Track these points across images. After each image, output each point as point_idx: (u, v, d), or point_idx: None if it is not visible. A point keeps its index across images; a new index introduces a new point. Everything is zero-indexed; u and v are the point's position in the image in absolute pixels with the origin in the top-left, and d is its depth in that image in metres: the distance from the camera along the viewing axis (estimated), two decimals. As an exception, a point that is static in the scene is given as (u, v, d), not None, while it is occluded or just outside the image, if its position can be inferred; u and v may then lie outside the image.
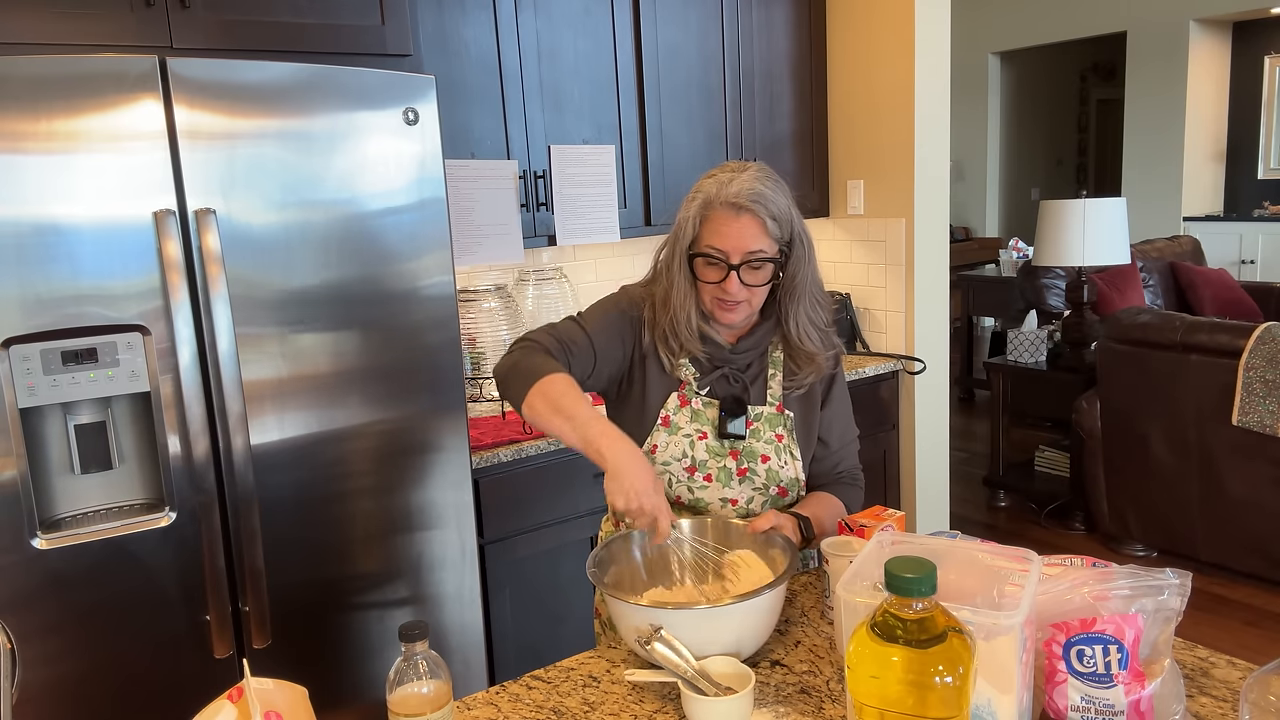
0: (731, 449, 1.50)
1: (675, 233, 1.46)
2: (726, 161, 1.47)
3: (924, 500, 3.26)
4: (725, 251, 1.40)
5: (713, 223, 1.41)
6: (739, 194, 1.38)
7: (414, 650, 1.00)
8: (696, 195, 1.43)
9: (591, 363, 1.49)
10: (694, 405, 1.50)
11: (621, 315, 1.52)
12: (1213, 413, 3.25)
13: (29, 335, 1.63)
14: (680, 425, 1.50)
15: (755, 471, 1.50)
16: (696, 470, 1.50)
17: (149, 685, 1.78)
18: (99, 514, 1.76)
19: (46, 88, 1.59)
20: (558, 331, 1.50)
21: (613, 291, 1.59)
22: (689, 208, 1.43)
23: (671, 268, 1.46)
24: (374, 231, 1.91)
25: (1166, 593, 0.99)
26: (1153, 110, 7.06)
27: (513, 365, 1.43)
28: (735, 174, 1.41)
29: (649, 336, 1.51)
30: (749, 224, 1.39)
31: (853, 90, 3.18)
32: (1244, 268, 6.74)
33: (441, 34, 2.41)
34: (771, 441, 1.51)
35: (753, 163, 1.46)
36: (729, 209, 1.39)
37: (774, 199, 1.40)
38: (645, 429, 1.51)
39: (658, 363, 1.51)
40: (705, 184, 1.43)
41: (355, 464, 1.95)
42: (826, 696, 1.16)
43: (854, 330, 3.24)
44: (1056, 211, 3.86)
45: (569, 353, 1.47)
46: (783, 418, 1.53)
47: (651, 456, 1.49)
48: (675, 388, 1.51)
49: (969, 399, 6.19)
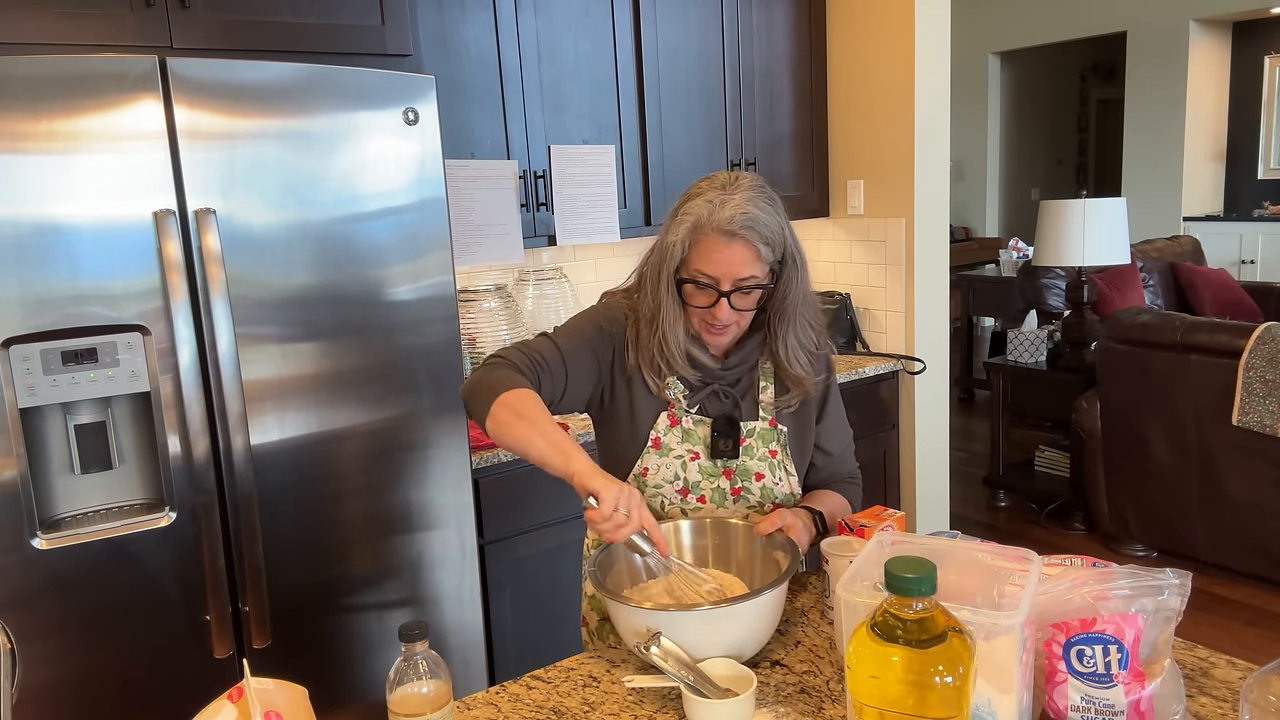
0: (725, 468, 1.46)
1: (662, 251, 1.39)
2: (717, 173, 1.40)
3: (924, 500, 3.26)
4: (715, 278, 1.34)
5: (702, 248, 1.34)
6: (731, 220, 1.31)
7: (414, 650, 1.00)
8: (685, 217, 1.35)
9: (564, 380, 1.43)
10: (685, 425, 1.46)
11: (600, 331, 1.46)
12: (1213, 413, 3.25)
13: (29, 335, 1.63)
14: (671, 446, 1.45)
15: (750, 490, 1.47)
16: (690, 492, 1.45)
17: (149, 685, 1.78)
18: (99, 514, 1.76)
19: (46, 88, 1.59)
20: (529, 348, 1.43)
21: (594, 303, 1.54)
22: (677, 229, 1.36)
23: (659, 288, 1.40)
24: (374, 231, 1.91)
25: (1166, 593, 0.99)
26: (1153, 110, 7.06)
27: (477, 382, 1.38)
28: (727, 194, 1.34)
29: (633, 358, 1.45)
30: (740, 251, 1.33)
31: (853, 90, 3.18)
32: (1244, 268, 6.74)
33: (441, 34, 2.41)
34: (765, 458, 1.47)
35: (745, 174, 1.39)
36: (720, 235, 1.32)
37: (767, 221, 1.34)
38: (635, 451, 1.46)
39: (644, 384, 1.46)
40: (695, 205, 1.35)
41: (355, 464, 1.95)
42: (826, 696, 1.16)
43: (854, 330, 3.24)
44: (1056, 211, 3.86)
45: (539, 370, 1.41)
46: (776, 432, 1.49)
47: (643, 480, 1.45)
48: (664, 408, 1.46)
49: (969, 399, 6.19)
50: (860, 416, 2.96)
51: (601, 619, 1.54)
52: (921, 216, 3.09)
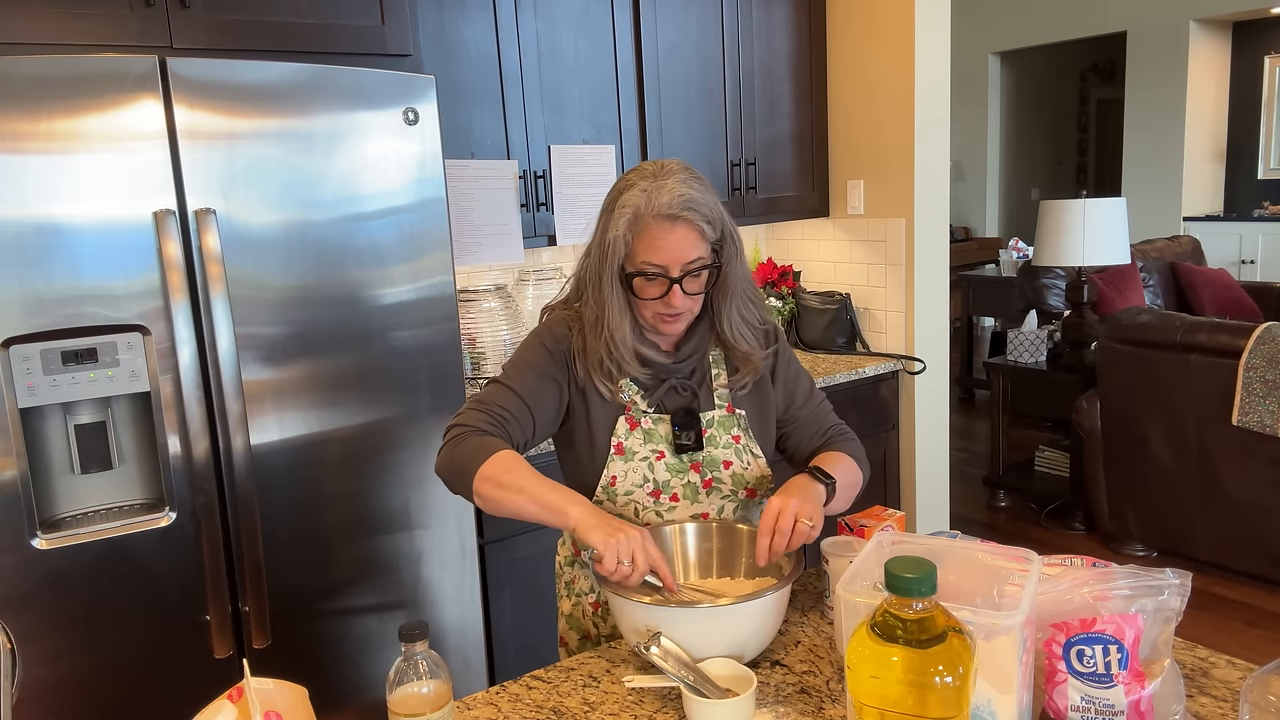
0: (692, 462, 1.43)
1: (601, 250, 1.36)
2: (642, 163, 1.38)
3: (924, 500, 3.26)
4: (664, 265, 1.32)
5: (647, 237, 1.32)
6: (671, 204, 1.30)
7: (414, 650, 1.00)
8: (623, 210, 1.32)
9: (530, 422, 1.40)
10: (645, 425, 1.43)
11: (548, 354, 1.43)
12: (1213, 413, 3.25)
13: (29, 335, 1.63)
14: (635, 450, 1.42)
15: (721, 480, 1.44)
16: (661, 492, 1.42)
17: (149, 685, 1.78)
18: (99, 514, 1.76)
19: (46, 88, 1.59)
20: (485, 403, 1.39)
21: (534, 327, 1.50)
22: (617, 224, 1.33)
23: (601, 289, 1.37)
24: (374, 232, 1.91)
25: (1166, 593, 0.99)
26: (1153, 110, 7.06)
27: (450, 460, 1.34)
28: (658, 180, 1.32)
29: (582, 369, 1.41)
30: (685, 233, 1.31)
31: (853, 90, 3.18)
32: (1244, 268, 6.74)
33: (441, 34, 2.41)
34: (730, 445, 1.45)
35: (670, 160, 1.37)
36: (663, 221, 1.30)
37: (704, 200, 1.33)
38: (599, 462, 1.43)
39: (597, 392, 1.42)
40: (631, 196, 1.32)
41: (355, 464, 1.95)
42: (826, 696, 1.16)
43: (854, 330, 3.24)
44: (1056, 211, 3.86)
45: (504, 423, 1.38)
46: (735, 418, 1.46)
47: (612, 490, 1.42)
48: (621, 412, 1.43)
49: (969, 399, 6.19)
50: (860, 416, 2.96)
51: (582, 637, 1.52)
52: (921, 216, 3.09)
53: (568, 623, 1.54)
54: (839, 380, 2.92)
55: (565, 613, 1.55)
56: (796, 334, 3.32)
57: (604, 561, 1.19)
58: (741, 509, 1.48)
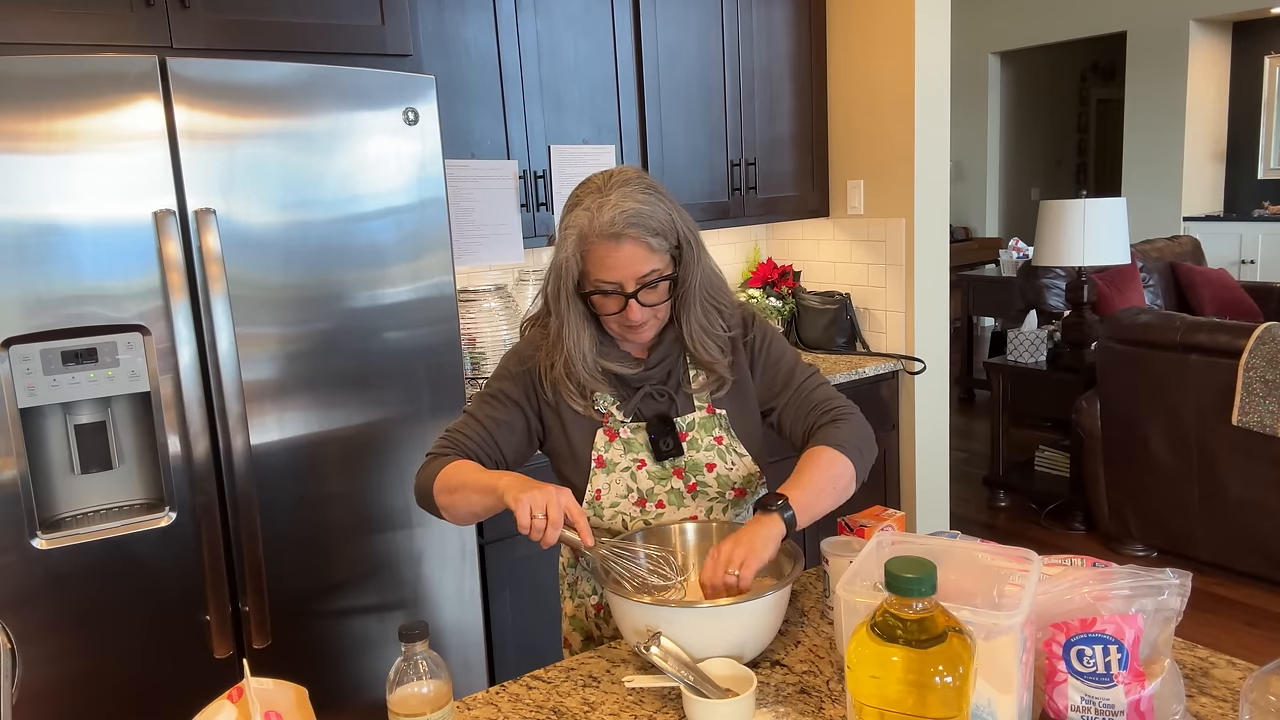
0: (674, 468, 1.42)
1: (558, 270, 1.35)
2: (593, 175, 1.35)
3: (924, 500, 3.26)
4: (618, 282, 1.31)
5: (595, 256, 1.30)
6: (613, 222, 1.27)
7: (414, 650, 1.00)
8: (569, 231, 1.31)
9: (496, 450, 1.43)
10: (623, 435, 1.42)
11: (514, 378, 1.45)
12: (1213, 413, 3.25)
13: (29, 335, 1.63)
14: (616, 461, 1.42)
15: (705, 483, 1.43)
16: (646, 501, 1.42)
17: (149, 685, 1.78)
18: (99, 514, 1.76)
19: (46, 88, 1.59)
20: (454, 434, 1.43)
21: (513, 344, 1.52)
22: (565, 245, 1.32)
23: (560, 307, 1.36)
24: (374, 231, 1.91)
25: (1166, 593, 0.99)
26: (1153, 110, 7.06)
27: (416, 487, 1.41)
28: (602, 195, 1.30)
29: (550, 389, 1.42)
30: (631, 250, 1.29)
31: (853, 90, 3.18)
32: (1244, 268, 6.74)
33: (441, 34, 2.41)
34: (713, 446, 1.43)
35: (622, 168, 1.35)
36: (608, 240, 1.29)
37: (650, 213, 1.30)
38: (583, 476, 1.43)
39: (570, 408, 1.43)
40: (576, 217, 1.31)
41: (355, 464, 1.95)
42: (826, 696, 1.16)
43: (854, 330, 3.24)
44: (1056, 211, 3.86)
45: (467, 452, 1.41)
46: (716, 418, 1.44)
47: (598, 504, 1.42)
48: (599, 424, 1.43)
49: (969, 399, 6.19)
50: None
51: (585, 639, 1.52)
52: (921, 216, 3.09)
53: (571, 624, 1.54)
54: (839, 380, 2.92)
55: (569, 614, 1.55)
56: (796, 334, 3.32)
57: (519, 519, 1.19)
58: (732, 509, 1.47)
